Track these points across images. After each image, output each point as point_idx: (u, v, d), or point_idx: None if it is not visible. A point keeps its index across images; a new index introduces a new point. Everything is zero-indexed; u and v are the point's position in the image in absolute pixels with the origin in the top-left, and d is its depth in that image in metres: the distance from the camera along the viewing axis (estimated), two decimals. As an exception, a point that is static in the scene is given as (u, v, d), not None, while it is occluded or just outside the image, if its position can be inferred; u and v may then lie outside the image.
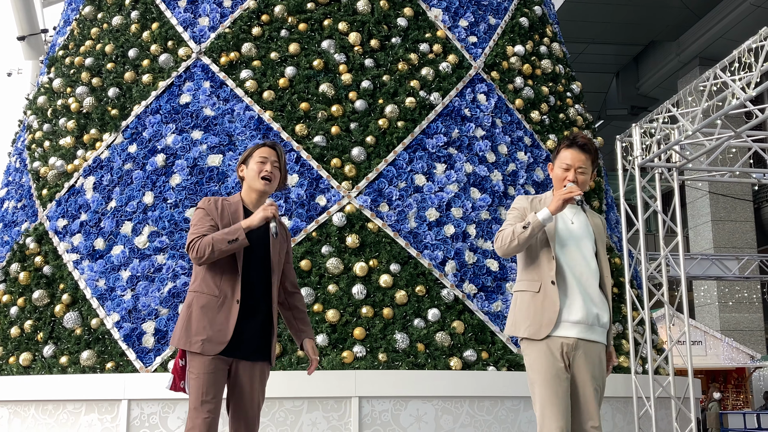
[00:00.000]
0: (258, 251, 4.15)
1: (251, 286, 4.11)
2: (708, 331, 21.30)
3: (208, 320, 4.01)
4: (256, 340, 4.10)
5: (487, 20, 8.82)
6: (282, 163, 4.31)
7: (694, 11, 24.18)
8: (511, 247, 3.99)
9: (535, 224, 3.93)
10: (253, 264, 4.13)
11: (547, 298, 3.98)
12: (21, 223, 8.12)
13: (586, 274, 4.04)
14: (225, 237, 3.98)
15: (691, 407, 8.61)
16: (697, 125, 8.36)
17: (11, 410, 7.02)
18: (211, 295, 4.06)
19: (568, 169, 4.12)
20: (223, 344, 3.97)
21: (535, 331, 3.97)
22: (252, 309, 4.09)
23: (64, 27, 9.42)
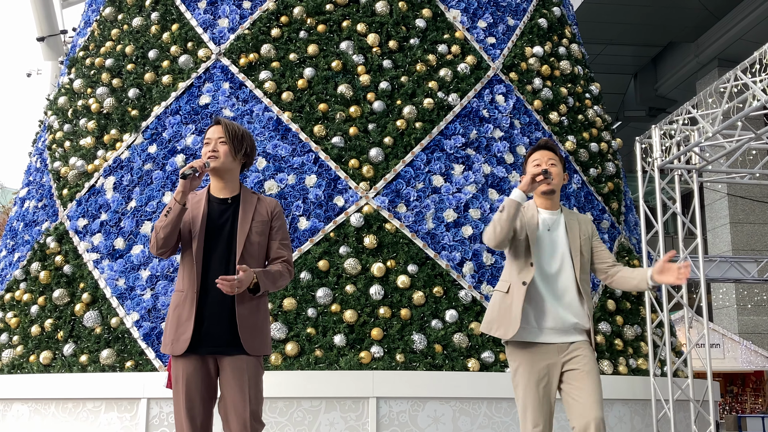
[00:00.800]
0: (221, 237, 3.94)
1: (211, 273, 3.86)
2: (726, 334, 21.14)
3: (176, 318, 3.86)
4: (224, 333, 3.82)
5: (505, 21, 8.81)
6: (227, 135, 4.02)
7: (713, 12, 24.02)
8: (495, 232, 4.07)
9: (508, 204, 4.02)
10: (216, 251, 3.91)
11: (515, 299, 4.11)
12: (42, 223, 8.19)
13: (562, 282, 4.16)
14: (163, 214, 3.86)
15: (710, 410, 8.56)
16: (718, 127, 8.32)
17: (32, 408, 7.08)
18: (178, 291, 3.93)
19: (539, 164, 4.24)
20: (186, 341, 3.78)
21: (504, 332, 4.12)
22: (214, 299, 3.84)
23: (85, 28, 9.49)
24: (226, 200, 4.04)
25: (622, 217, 9.10)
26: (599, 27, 24.18)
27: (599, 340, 7.67)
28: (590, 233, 4.32)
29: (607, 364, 7.56)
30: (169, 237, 3.89)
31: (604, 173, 9.03)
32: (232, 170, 4.07)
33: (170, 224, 3.85)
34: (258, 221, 4.00)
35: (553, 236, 4.24)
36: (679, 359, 8.85)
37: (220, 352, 3.84)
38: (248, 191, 4.12)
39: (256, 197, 4.09)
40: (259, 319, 3.94)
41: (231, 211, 3.99)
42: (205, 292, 3.86)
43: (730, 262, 19.07)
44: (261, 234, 4.00)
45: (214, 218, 3.96)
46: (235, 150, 4.03)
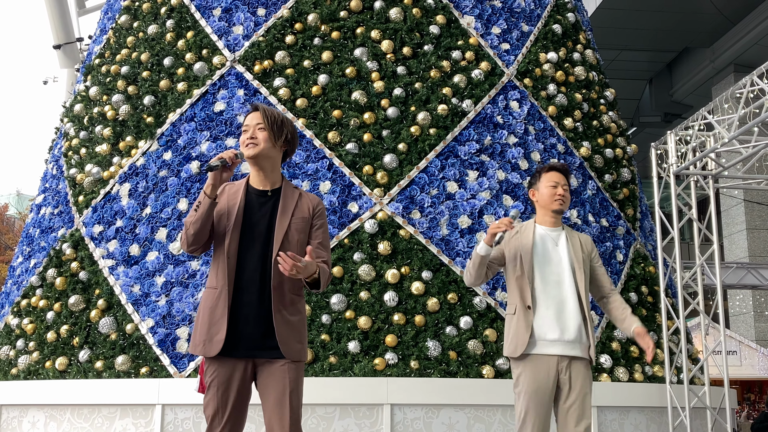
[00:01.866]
0: (258, 232, 3.69)
1: (248, 271, 3.64)
2: (743, 341, 20.97)
3: (208, 317, 3.62)
4: (260, 334, 3.59)
5: (519, 27, 8.80)
6: (267, 120, 3.76)
7: (729, 17, 23.91)
8: (469, 278, 4.46)
9: (474, 257, 4.36)
10: (252, 247, 3.66)
11: (521, 321, 4.36)
12: (57, 229, 8.23)
13: (563, 296, 4.39)
14: (193, 208, 3.63)
15: (726, 418, 8.49)
16: (734, 132, 8.27)
17: (47, 414, 7.11)
18: (211, 288, 3.68)
19: (556, 186, 4.53)
20: (220, 342, 3.54)
21: (512, 350, 4.39)
22: (250, 297, 3.62)
23: (101, 36, 9.55)
24: (266, 192, 3.77)
25: (637, 224, 9.05)
26: (614, 32, 24.12)
27: (615, 347, 7.62)
28: (590, 252, 4.57)
29: (623, 371, 7.52)
30: (199, 233, 3.66)
31: (620, 179, 8.99)
32: (273, 159, 3.78)
33: (200, 219, 3.62)
34: (298, 217, 3.74)
35: (555, 251, 4.47)
36: (695, 366, 8.78)
37: (257, 355, 3.61)
38: (290, 185, 3.86)
39: (299, 192, 3.83)
40: (299, 320, 3.70)
41: (270, 205, 3.73)
42: (239, 290, 3.63)
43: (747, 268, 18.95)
44: (301, 232, 3.74)
45: (252, 212, 3.71)
46: (275, 136, 3.75)
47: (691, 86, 27.33)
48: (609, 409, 7.29)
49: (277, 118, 3.79)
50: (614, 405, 7.32)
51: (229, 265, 3.63)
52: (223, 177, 3.64)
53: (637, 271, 8.50)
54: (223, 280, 3.62)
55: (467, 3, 8.56)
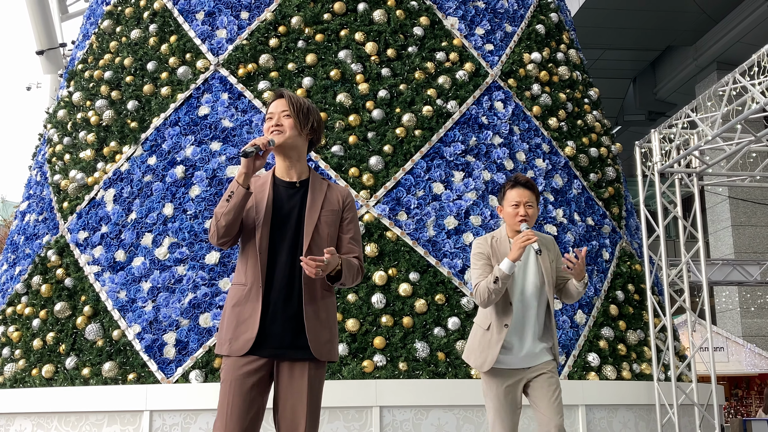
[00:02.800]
0: (288, 225, 3.53)
1: (279, 266, 3.47)
2: (730, 337, 21.07)
3: (236, 315, 3.45)
4: (288, 333, 3.43)
5: (503, 28, 8.82)
6: (293, 107, 3.59)
7: (711, 16, 24.05)
8: (490, 300, 4.32)
9: (501, 276, 4.25)
10: (283, 241, 3.50)
11: (493, 337, 4.40)
12: (42, 236, 8.19)
13: (535, 310, 4.44)
14: (224, 199, 3.45)
15: (714, 414, 8.53)
16: (717, 130, 8.31)
17: (34, 422, 7.06)
18: (239, 284, 3.51)
19: (518, 205, 4.45)
20: (250, 340, 3.37)
21: (479, 365, 4.44)
22: (279, 295, 3.45)
23: (83, 41, 9.50)
24: (294, 184, 3.60)
25: (623, 222, 9.08)
26: (597, 32, 24.21)
27: (602, 346, 7.65)
28: (556, 255, 4.58)
29: (610, 369, 7.54)
30: (231, 225, 3.46)
31: (605, 178, 9.02)
32: (299, 148, 3.61)
33: (233, 210, 3.42)
34: (328, 210, 3.57)
35: (526, 266, 4.48)
36: (682, 363, 8.82)
37: (283, 355, 3.42)
38: (318, 176, 3.67)
39: (327, 183, 3.67)
40: (329, 320, 3.52)
41: (299, 197, 3.56)
42: (269, 287, 3.45)
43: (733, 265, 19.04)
44: (331, 225, 3.57)
45: (281, 204, 3.54)
46: (301, 124, 3.58)
47: (674, 84, 27.46)
48: (597, 407, 7.31)
49: (303, 104, 3.62)
50: (602, 403, 7.34)
51: (261, 260, 3.46)
52: (256, 165, 3.46)
53: (624, 269, 8.53)
54: (253, 277, 3.46)
55: (451, 4, 8.57)
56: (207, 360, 6.85)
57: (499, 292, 4.29)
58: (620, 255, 8.70)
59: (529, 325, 4.44)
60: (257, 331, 3.40)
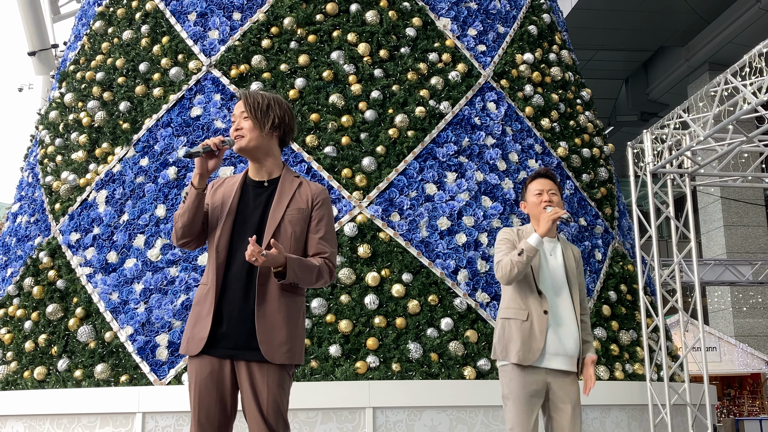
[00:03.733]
0: (249, 226, 3.46)
1: (235, 266, 3.41)
2: (722, 337, 21.14)
3: (196, 314, 3.41)
4: (242, 334, 3.34)
5: (495, 29, 8.83)
6: (250, 108, 3.51)
7: (703, 16, 24.13)
8: (512, 274, 4.17)
9: (528, 249, 4.14)
10: (243, 243, 3.41)
11: (535, 327, 4.22)
12: (34, 238, 8.16)
13: (560, 308, 4.29)
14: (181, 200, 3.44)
15: (707, 414, 8.55)
16: (709, 130, 8.33)
17: (26, 424, 7.04)
18: (202, 284, 3.47)
19: (541, 193, 4.38)
20: (203, 339, 3.32)
21: (524, 357, 4.21)
22: (235, 294, 3.39)
23: (75, 42, 9.48)
24: (262, 183, 3.54)
25: (615, 222, 9.10)
26: (589, 33, 24.26)
27: (595, 346, 7.66)
28: (580, 267, 4.49)
29: (603, 369, 7.56)
30: (187, 226, 3.44)
31: (597, 179, 9.04)
32: (265, 147, 3.53)
33: (187, 211, 3.41)
34: (294, 209, 3.47)
35: (552, 263, 4.37)
36: (675, 363, 8.84)
37: (238, 356, 3.35)
38: (291, 174, 3.59)
39: (299, 181, 3.57)
40: (285, 319, 3.38)
41: (265, 196, 3.50)
42: (226, 287, 3.40)
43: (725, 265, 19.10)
44: (296, 224, 3.46)
45: (246, 204, 3.49)
46: (261, 124, 3.48)
47: (666, 85, 27.55)
48: (590, 407, 7.33)
49: (262, 102, 3.52)
50: (595, 403, 7.36)
51: (218, 259, 3.42)
52: (210, 166, 3.44)
53: (616, 269, 8.54)
54: (212, 276, 3.41)
55: (443, 5, 8.58)
56: (200, 361, 6.82)
57: (523, 266, 4.14)
58: (613, 255, 8.72)
59: (557, 323, 4.26)
60: (212, 331, 3.35)
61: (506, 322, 4.32)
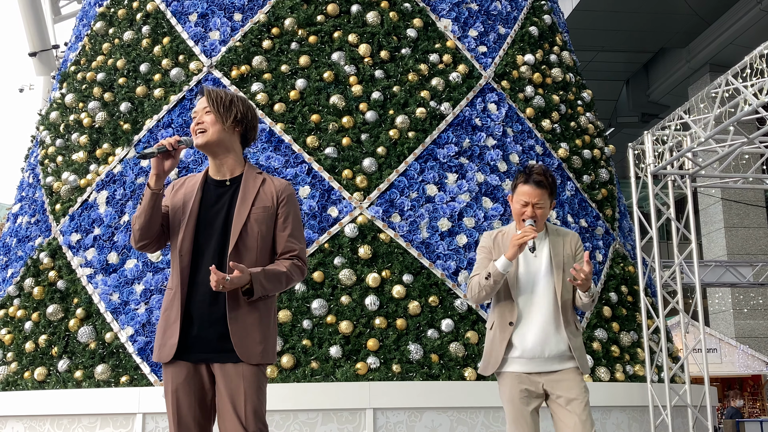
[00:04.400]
0: (215, 225, 3.40)
1: (203, 271, 3.34)
2: (723, 339, 21.13)
3: (164, 320, 3.35)
4: (213, 337, 3.30)
5: (496, 30, 8.83)
6: (212, 103, 3.45)
7: (704, 18, 24.13)
8: (480, 296, 4.10)
9: (495, 274, 4.02)
10: (209, 243, 3.37)
11: (496, 337, 4.14)
12: (35, 238, 8.16)
13: (545, 310, 4.11)
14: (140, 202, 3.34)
15: (707, 415, 8.54)
16: (710, 132, 8.33)
17: (26, 425, 7.03)
18: (168, 288, 3.41)
19: (526, 204, 4.15)
20: (173, 346, 3.27)
21: (483, 368, 4.23)
22: (204, 297, 3.33)
23: (76, 43, 9.48)
24: (224, 182, 3.47)
25: (616, 224, 9.10)
26: (590, 34, 24.27)
27: (596, 347, 7.65)
28: (574, 252, 4.26)
29: (603, 371, 7.55)
30: (144, 228, 3.36)
31: (598, 180, 9.04)
32: (226, 143, 3.46)
33: (143, 213, 3.34)
34: (259, 207, 3.41)
35: (536, 262, 4.18)
36: (676, 365, 8.83)
37: (212, 360, 3.31)
38: (254, 170, 3.51)
39: (262, 178, 3.49)
40: (258, 320, 3.34)
41: (228, 195, 3.43)
42: (193, 290, 3.33)
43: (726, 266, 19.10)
44: (262, 223, 3.40)
45: (208, 204, 3.42)
46: (223, 117, 3.42)
47: (667, 86, 27.55)
48: (590, 408, 7.31)
49: (225, 98, 3.46)
50: (596, 405, 7.34)
51: (182, 263, 3.34)
52: (167, 166, 3.37)
53: (617, 270, 8.54)
54: (177, 280, 3.34)
55: (444, 6, 8.58)
56: (200, 362, 6.82)
57: (491, 289, 4.04)
58: (613, 257, 8.71)
59: (538, 324, 4.09)
60: (182, 336, 3.31)
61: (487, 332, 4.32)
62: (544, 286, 4.14)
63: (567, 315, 4.15)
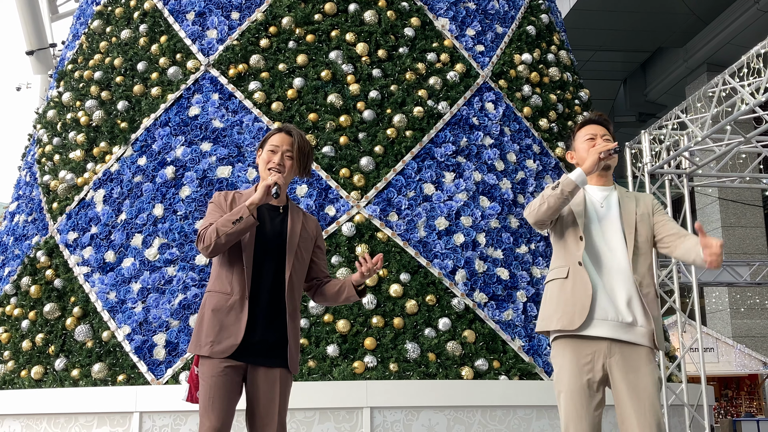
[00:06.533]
0: (272, 244, 3.80)
1: (263, 282, 3.74)
2: (720, 338, 21.16)
3: (218, 321, 3.69)
4: (270, 342, 3.70)
5: (494, 29, 8.83)
6: (296, 151, 3.85)
7: (701, 17, 24.15)
8: (540, 210, 3.60)
9: (565, 183, 3.54)
10: (267, 260, 3.76)
11: (577, 282, 3.60)
12: (32, 237, 8.15)
13: (610, 266, 3.65)
14: (229, 218, 3.64)
15: (704, 414, 8.55)
16: (707, 131, 8.34)
17: (23, 424, 7.03)
18: (222, 293, 3.73)
19: (593, 138, 3.84)
20: (234, 346, 3.63)
21: (568, 322, 3.58)
22: (263, 309, 3.72)
23: (73, 41, 9.47)
24: (278, 209, 3.89)
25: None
26: (588, 33, 24.28)
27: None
28: (651, 210, 3.80)
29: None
30: (230, 244, 3.71)
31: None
32: (288, 183, 3.95)
33: (237, 234, 3.66)
34: (305, 237, 3.90)
35: (604, 214, 3.75)
36: (672, 364, 8.84)
37: (258, 363, 3.70)
38: (294, 203, 3.99)
39: (302, 212, 3.98)
40: (298, 332, 3.85)
41: (279, 221, 3.86)
42: (254, 299, 3.71)
43: (723, 266, 19.11)
44: (306, 250, 3.90)
45: (266, 226, 3.81)
46: (301, 169, 3.91)
47: (664, 86, 27.57)
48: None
49: (306, 148, 3.88)
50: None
51: (247, 275, 3.72)
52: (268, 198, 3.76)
53: (614, 270, 8.54)
54: (238, 288, 3.71)
55: (442, 5, 8.58)
56: (197, 361, 6.82)
57: (556, 201, 3.54)
58: (610, 256, 8.71)
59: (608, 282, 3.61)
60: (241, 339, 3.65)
61: (548, 286, 3.78)
62: (611, 246, 3.70)
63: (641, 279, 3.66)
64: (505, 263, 7.54)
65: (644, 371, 3.55)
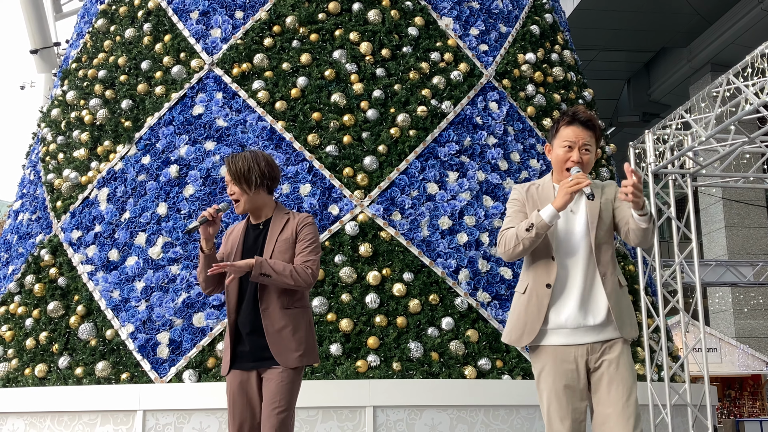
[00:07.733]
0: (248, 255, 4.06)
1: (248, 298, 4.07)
2: (723, 338, 21.12)
3: (225, 345, 4.16)
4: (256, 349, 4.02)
5: (497, 28, 8.83)
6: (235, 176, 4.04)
7: (705, 17, 24.10)
8: (516, 251, 3.56)
9: (539, 226, 3.48)
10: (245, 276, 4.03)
11: (532, 301, 3.60)
12: (36, 235, 8.16)
13: (588, 273, 3.59)
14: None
15: (707, 415, 8.54)
16: (711, 131, 8.33)
17: (27, 422, 7.04)
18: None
19: (572, 147, 3.62)
20: (227, 362, 4.07)
21: (516, 338, 3.65)
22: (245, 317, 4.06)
23: (77, 40, 9.48)
24: (258, 225, 4.15)
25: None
26: (592, 33, 24.24)
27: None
28: (613, 197, 3.73)
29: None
30: (207, 281, 4.12)
31: (599, 179, 9.04)
32: (257, 202, 4.12)
33: (202, 272, 4.07)
34: (282, 240, 4.06)
35: (574, 218, 3.67)
36: (676, 364, 8.83)
37: (260, 366, 4.01)
38: (281, 212, 4.17)
39: (288, 217, 4.14)
40: (292, 329, 4.01)
41: (262, 236, 4.11)
42: (239, 313, 4.05)
43: (726, 266, 19.09)
44: (285, 252, 4.05)
45: (248, 245, 4.10)
46: (246, 188, 4.06)
47: (668, 86, 27.51)
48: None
49: (242, 168, 4.04)
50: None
51: (230, 293, 4.08)
52: (211, 231, 4.03)
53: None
54: (229, 308, 4.09)
55: (445, 5, 8.58)
56: (200, 360, 6.84)
57: (531, 243, 3.50)
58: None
59: (577, 289, 3.56)
60: (233, 351, 4.05)
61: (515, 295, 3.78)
62: (582, 245, 3.61)
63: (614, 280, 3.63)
64: (508, 263, 7.54)
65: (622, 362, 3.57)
